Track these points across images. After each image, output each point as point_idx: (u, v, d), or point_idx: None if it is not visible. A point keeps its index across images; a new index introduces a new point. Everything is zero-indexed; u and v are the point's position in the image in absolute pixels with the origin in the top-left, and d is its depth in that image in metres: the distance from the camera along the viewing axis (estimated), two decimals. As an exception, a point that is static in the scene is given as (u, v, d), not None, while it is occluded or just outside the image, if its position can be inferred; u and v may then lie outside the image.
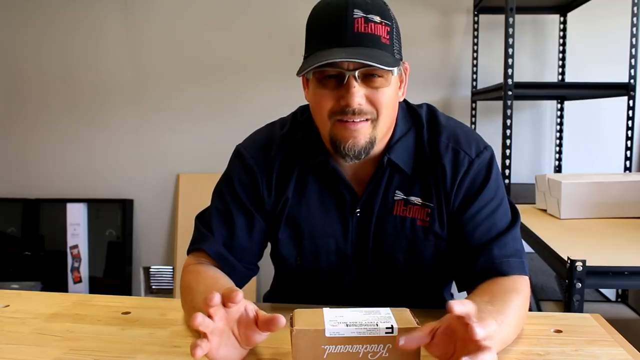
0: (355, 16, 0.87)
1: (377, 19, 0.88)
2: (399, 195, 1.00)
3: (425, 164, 1.00)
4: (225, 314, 0.72)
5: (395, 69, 0.90)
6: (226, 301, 0.71)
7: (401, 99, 0.99)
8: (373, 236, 1.01)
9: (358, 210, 1.01)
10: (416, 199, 1.00)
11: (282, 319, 0.71)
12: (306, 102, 1.09)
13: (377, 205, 1.00)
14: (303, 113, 1.07)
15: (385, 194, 1.00)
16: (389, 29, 0.90)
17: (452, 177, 0.98)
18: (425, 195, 0.99)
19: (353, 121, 0.90)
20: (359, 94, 0.88)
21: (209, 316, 0.70)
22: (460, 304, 0.66)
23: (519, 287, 0.90)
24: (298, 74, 0.92)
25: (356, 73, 0.87)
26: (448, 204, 0.99)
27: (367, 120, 0.91)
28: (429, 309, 0.98)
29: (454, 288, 1.20)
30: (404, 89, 0.99)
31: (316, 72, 0.90)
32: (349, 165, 0.98)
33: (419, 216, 1.00)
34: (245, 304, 0.75)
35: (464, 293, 1.01)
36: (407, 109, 1.05)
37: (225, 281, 0.95)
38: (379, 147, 0.96)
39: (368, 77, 0.89)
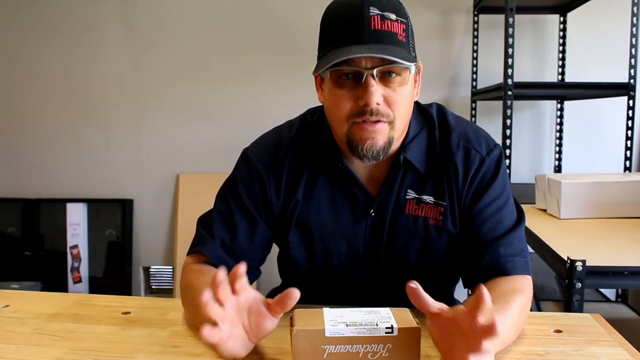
0: (371, 14, 0.87)
1: (393, 16, 0.88)
2: (411, 194, 0.99)
3: (438, 163, 1.00)
4: (235, 302, 0.72)
5: (412, 67, 0.90)
6: (232, 281, 0.71)
7: (416, 98, 0.99)
8: (386, 236, 1.00)
9: (372, 211, 1.00)
10: (428, 198, 0.99)
11: (295, 292, 0.71)
12: (306, 104, 1.09)
13: (391, 206, 0.99)
14: (313, 114, 1.06)
15: (398, 194, 0.99)
16: (404, 27, 0.90)
17: (464, 175, 0.98)
18: (438, 194, 0.99)
19: (371, 122, 0.89)
20: (377, 92, 0.87)
21: (218, 301, 0.69)
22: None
23: (522, 288, 0.90)
24: (315, 72, 0.91)
25: (374, 71, 0.86)
26: (460, 202, 0.99)
27: (384, 122, 0.90)
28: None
29: (458, 286, 1.20)
30: (418, 88, 0.98)
31: (333, 72, 0.89)
32: (362, 165, 0.97)
33: (431, 215, 0.99)
34: (253, 292, 0.75)
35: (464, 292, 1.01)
36: (418, 109, 1.05)
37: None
38: (394, 146, 0.96)
39: (385, 77, 0.88)
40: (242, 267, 0.72)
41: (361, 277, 1.04)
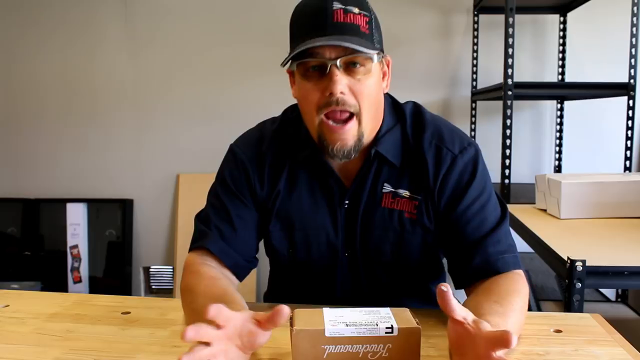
0: (334, 8, 0.91)
1: (356, 10, 0.92)
2: (387, 187, 1.02)
3: (411, 158, 1.02)
4: (224, 334, 0.71)
5: (375, 56, 0.93)
6: (214, 323, 0.70)
7: (385, 91, 1.02)
8: (361, 228, 1.03)
9: (347, 202, 1.03)
10: (404, 192, 1.02)
11: (285, 309, 0.71)
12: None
13: (364, 197, 1.02)
14: (293, 111, 1.10)
15: (373, 187, 1.02)
16: (367, 19, 0.93)
17: (435, 174, 1.00)
18: (413, 188, 1.01)
19: (340, 123, 0.92)
20: (341, 82, 0.90)
21: (206, 344, 0.69)
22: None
23: (519, 286, 0.91)
24: (282, 64, 0.95)
25: (338, 62, 0.90)
26: (432, 200, 1.01)
27: (351, 116, 0.93)
28: (430, 309, 0.99)
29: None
30: (387, 81, 1.01)
31: (300, 66, 0.93)
32: None
33: (406, 208, 1.02)
34: (240, 316, 0.73)
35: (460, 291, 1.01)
36: (393, 105, 1.07)
37: (224, 282, 0.96)
38: (367, 139, 0.98)
39: (350, 67, 0.92)
40: (212, 310, 0.69)
41: (343, 270, 1.06)
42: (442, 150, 1.00)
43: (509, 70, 2.09)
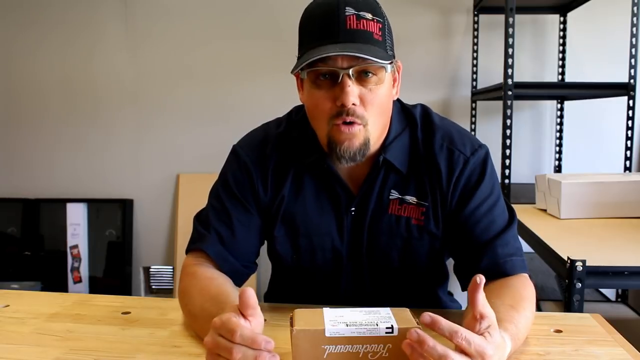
0: (347, 13, 0.88)
1: (369, 15, 0.89)
2: (394, 194, 1.01)
3: (420, 164, 1.00)
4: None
5: (388, 66, 0.91)
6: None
7: (395, 98, 1.00)
8: (367, 235, 1.02)
9: (353, 209, 1.01)
10: (411, 198, 1.00)
11: (247, 290, 0.69)
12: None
13: (372, 204, 1.01)
14: (298, 112, 1.08)
15: (380, 193, 1.01)
16: (380, 26, 0.90)
17: (448, 177, 0.99)
18: (420, 194, 1.00)
19: (348, 123, 0.90)
20: (353, 93, 0.88)
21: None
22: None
23: (529, 292, 0.91)
24: (292, 71, 0.93)
25: (350, 71, 0.88)
26: (444, 204, 1.00)
27: (358, 124, 0.91)
28: (428, 310, 0.98)
29: (452, 287, 1.20)
30: (397, 87, 0.99)
31: (310, 72, 0.91)
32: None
33: (413, 215, 1.00)
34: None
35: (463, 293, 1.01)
36: (402, 109, 1.06)
37: (221, 281, 0.95)
38: (374, 146, 0.97)
39: (362, 76, 0.89)
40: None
41: (347, 276, 1.05)
42: (454, 153, 0.99)
43: (509, 70, 2.08)
